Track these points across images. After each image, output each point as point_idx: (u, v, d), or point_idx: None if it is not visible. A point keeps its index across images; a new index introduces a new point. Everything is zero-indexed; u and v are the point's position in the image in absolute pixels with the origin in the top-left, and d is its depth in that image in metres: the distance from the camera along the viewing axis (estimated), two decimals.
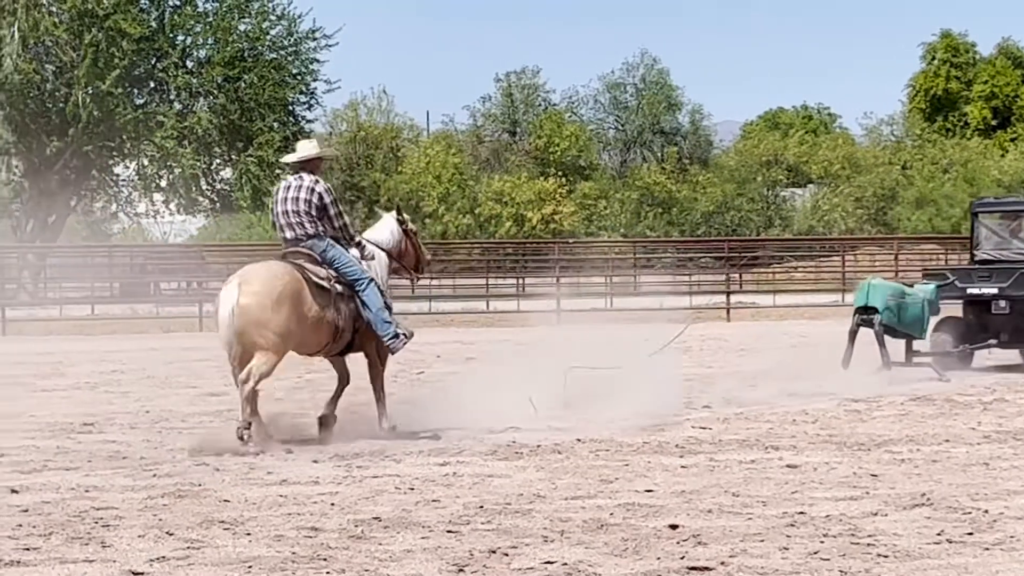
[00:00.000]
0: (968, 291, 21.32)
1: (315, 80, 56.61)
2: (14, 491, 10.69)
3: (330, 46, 56.34)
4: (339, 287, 13.63)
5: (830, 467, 11.71)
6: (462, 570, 7.99)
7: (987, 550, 8.41)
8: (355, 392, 14.52)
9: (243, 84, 54.03)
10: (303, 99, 56.78)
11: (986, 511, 9.61)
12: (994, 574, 7.83)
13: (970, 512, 9.58)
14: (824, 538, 8.76)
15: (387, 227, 14.80)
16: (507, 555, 8.34)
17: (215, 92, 54.07)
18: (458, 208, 66.13)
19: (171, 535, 8.95)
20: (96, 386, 20.14)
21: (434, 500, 10.21)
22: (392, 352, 14.04)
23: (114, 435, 14.35)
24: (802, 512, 9.61)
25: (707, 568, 7.98)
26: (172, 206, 56.83)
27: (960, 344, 21.21)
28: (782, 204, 72.45)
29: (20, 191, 54.53)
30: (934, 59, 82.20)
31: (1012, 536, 8.78)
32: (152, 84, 55.19)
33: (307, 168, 13.91)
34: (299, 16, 56.12)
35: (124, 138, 53.58)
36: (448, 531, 9.05)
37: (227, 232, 68.83)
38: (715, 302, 39.74)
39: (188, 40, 55.21)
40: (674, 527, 9.11)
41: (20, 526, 9.30)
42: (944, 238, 56.27)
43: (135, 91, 54.67)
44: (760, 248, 54.26)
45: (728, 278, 42.10)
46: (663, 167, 73.33)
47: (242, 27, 55.43)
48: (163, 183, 55.36)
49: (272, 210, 14.13)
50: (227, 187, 55.86)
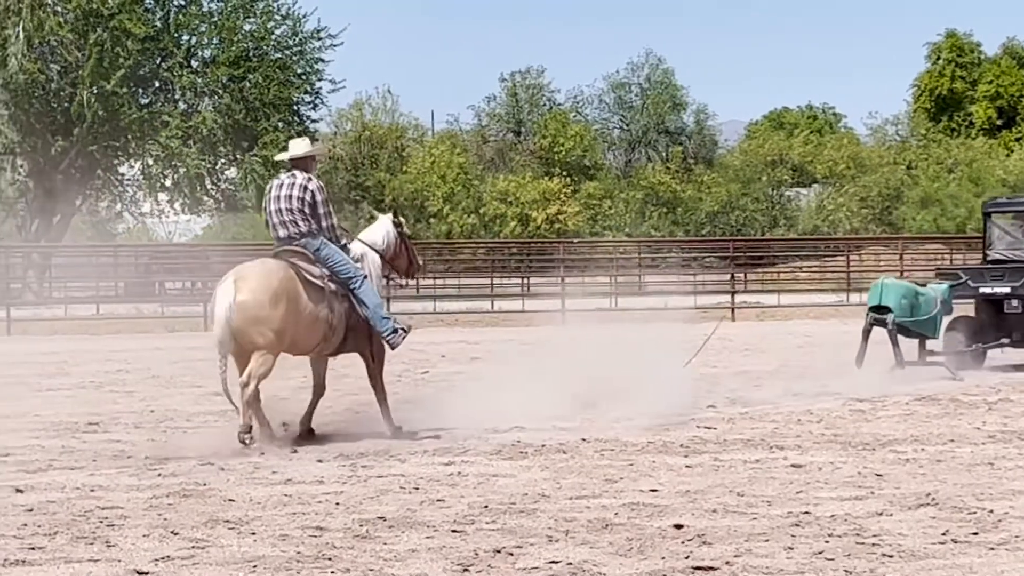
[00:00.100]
0: (981, 290, 21.35)
1: (320, 80, 56.79)
2: (19, 490, 10.69)
3: (335, 46, 56.51)
4: (332, 285, 13.62)
5: (835, 467, 11.71)
6: (467, 570, 7.99)
7: (992, 550, 8.40)
8: (358, 392, 14.52)
9: (248, 84, 54.07)
10: (308, 99, 56.93)
11: (991, 511, 9.60)
12: (999, 574, 7.83)
13: (975, 512, 9.58)
14: (829, 538, 8.76)
15: (381, 229, 14.75)
16: (512, 555, 8.33)
17: (220, 92, 54.12)
18: (463, 208, 66.10)
19: (176, 534, 8.96)
20: (101, 385, 20.14)
21: (439, 500, 10.21)
22: (392, 347, 14.02)
23: (119, 434, 14.36)
24: (807, 512, 9.61)
25: (712, 568, 7.98)
26: (177, 206, 56.92)
27: (973, 343, 21.22)
28: (787, 204, 72.39)
29: (25, 191, 54.59)
30: (939, 59, 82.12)
31: (1017, 536, 8.78)
32: (157, 84, 55.26)
33: (300, 166, 13.89)
34: (304, 16, 56.30)
35: (129, 138, 53.62)
36: (453, 531, 9.05)
37: (232, 232, 68.80)
38: (720, 302, 39.71)
39: (193, 40, 55.27)
40: (679, 527, 9.11)
41: (25, 525, 9.30)
42: (949, 238, 56.23)
43: (140, 91, 54.75)
44: (765, 248, 54.24)
45: (733, 278, 42.07)
46: (668, 167, 73.30)
47: (247, 27, 55.49)
48: (168, 183, 55.42)
49: (264, 208, 14.13)
50: (232, 187, 55.92)
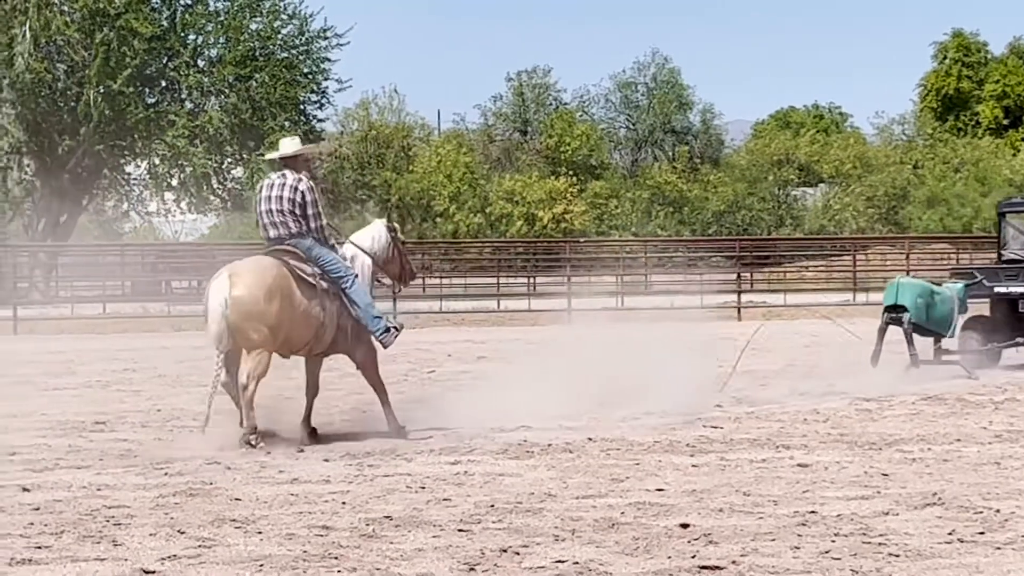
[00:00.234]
0: (996, 290, 21.40)
1: (326, 79, 56.83)
2: (26, 489, 10.70)
3: (341, 45, 56.58)
4: (324, 284, 13.62)
5: (841, 466, 11.70)
6: (473, 569, 7.99)
7: (998, 549, 8.40)
8: (363, 391, 14.52)
9: (254, 83, 54.12)
10: (314, 98, 56.98)
11: (997, 510, 9.59)
12: (1005, 573, 7.82)
13: (981, 511, 9.57)
14: (835, 537, 8.75)
15: (372, 232, 14.70)
16: (518, 554, 8.33)
17: (226, 91, 54.16)
18: (469, 207, 66.14)
19: (183, 533, 8.96)
20: (108, 384, 20.15)
21: (445, 499, 10.21)
22: (384, 347, 14.03)
23: (125, 433, 14.37)
24: (813, 511, 9.61)
25: (718, 567, 7.97)
26: (183, 205, 56.99)
27: (988, 343, 21.24)
28: (793, 203, 72.38)
29: (32, 190, 54.66)
30: (946, 58, 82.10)
31: (1023, 536, 8.77)
32: (163, 83, 55.31)
33: (290, 165, 13.85)
34: (310, 15, 56.38)
35: (135, 137, 53.68)
36: (459, 530, 9.05)
37: (238, 231, 68.89)
38: (726, 301, 39.68)
39: (199, 39, 55.32)
40: (685, 526, 9.10)
41: (32, 524, 9.31)
42: (955, 237, 56.22)
43: (146, 90, 54.79)
44: (771, 247, 54.21)
45: (739, 277, 42.04)
46: (674, 166, 73.31)
47: (253, 26, 55.55)
48: (174, 182, 55.49)
49: (255, 208, 14.14)
50: (238, 186, 55.98)
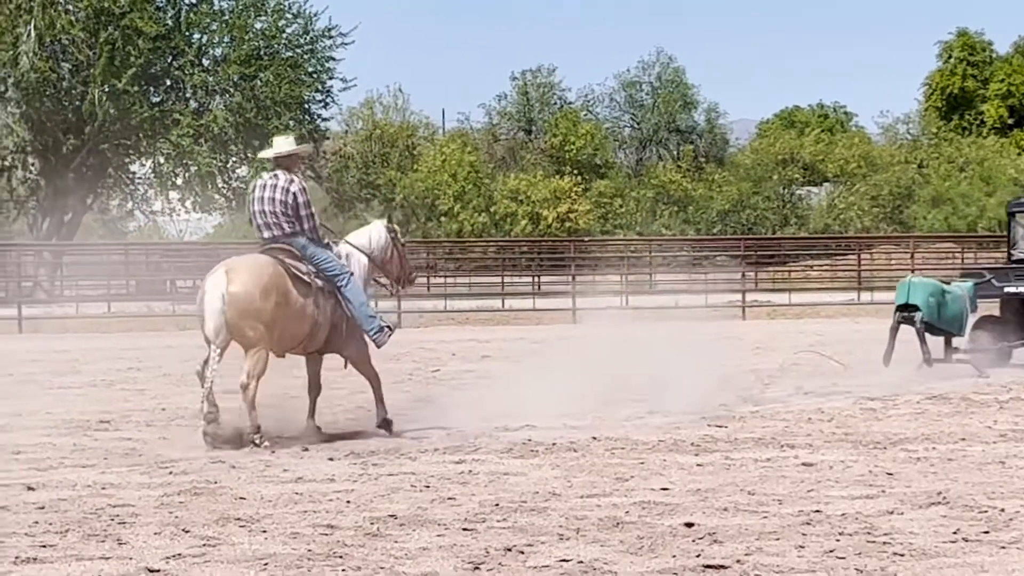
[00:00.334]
0: (1006, 290, 21.41)
1: (331, 78, 56.81)
2: (30, 488, 10.71)
3: (346, 44, 56.54)
4: (319, 282, 13.64)
5: (846, 465, 11.70)
6: (478, 568, 7.99)
7: (1003, 548, 8.39)
8: (366, 389, 14.52)
9: (259, 82, 54.10)
10: (319, 97, 56.94)
11: (1002, 509, 9.59)
12: (1010, 572, 7.82)
13: (986, 511, 9.56)
14: (840, 536, 8.75)
15: (370, 232, 14.70)
16: (523, 553, 8.34)
17: (231, 90, 54.15)
18: (473, 206, 66.11)
19: (187, 532, 8.97)
20: (112, 383, 20.16)
21: (450, 498, 10.21)
22: (378, 346, 14.05)
23: (130, 432, 14.37)
24: (818, 510, 9.60)
25: (723, 566, 7.97)
26: (188, 204, 57.00)
27: (999, 342, 21.25)
28: (798, 202, 72.31)
29: (36, 189, 54.69)
30: (950, 57, 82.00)
31: None
32: (168, 82, 55.30)
33: (283, 165, 13.84)
34: (315, 14, 56.33)
35: (140, 136, 53.69)
36: (464, 529, 9.05)
37: (243, 230, 68.82)
38: (731, 301, 39.67)
39: (204, 38, 55.32)
40: (690, 525, 9.10)
41: (36, 523, 9.32)
42: (960, 237, 56.16)
43: (151, 89, 54.79)
44: (776, 247, 54.16)
45: (744, 276, 42.03)
46: (679, 165, 73.28)
47: (258, 25, 55.54)
48: (179, 181, 55.50)
49: (248, 208, 14.17)
50: (243, 185, 55.91)
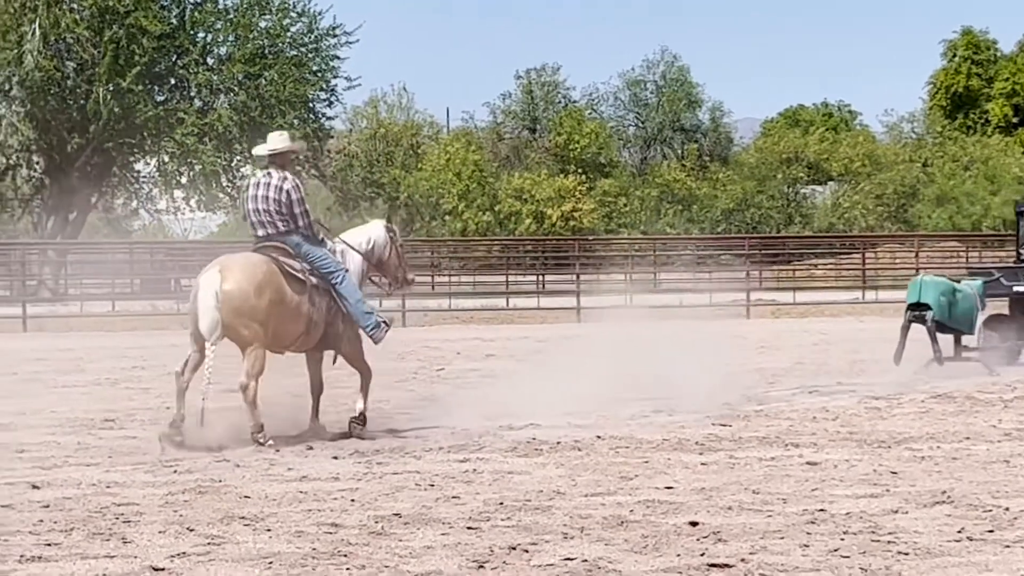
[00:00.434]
0: (1015, 288, 21.44)
1: (335, 77, 56.83)
2: (35, 487, 10.71)
3: (350, 43, 56.60)
4: (313, 279, 13.61)
5: (850, 464, 11.69)
6: (482, 566, 7.99)
7: (1008, 547, 8.39)
8: (373, 388, 14.50)
9: (263, 81, 54.13)
10: (323, 96, 56.97)
11: (1007, 508, 9.58)
12: (1015, 572, 7.81)
13: (991, 510, 9.56)
14: (844, 535, 8.75)
15: (366, 232, 14.66)
16: (527, 551, 8.33)
17: (235, 89, 54.19)
18: (478, 205, 66.14)
19: (192, 531, 8.97)
20: (117, 382, 20.17)
21: (454, 496, 10.21)
22: (375, 342, 14.00)
23: (135, 431, 14.38)
24: (822, 509, 9.60)
25: (727, 565, 7.97)
26: (192, 203, 57.02)
27: (1007, 340, 21.26)
28: (802, 201, 72.34)
29: (41, 188, 54.74)
30: (955, 56, 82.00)
31: None
32: (173, 81, 55.35)
33: (277, 162, 13.81)
34: (319, 13, 56.39)
35: (145, 135, 53.72)
36: (468, 527, 9.05)
37: (247, 229, 68.88)
38: (735, 299, 39.66)
39: (209, 37, 55.36)
40: (694, 524, 9.10)
41: (41, 522, 9.32)
42: (965, 235, 56.20)
43: (156, 88, 54.83)
44: (780, 246, 54.16)
45: (748, 275, 42.01)
46: (683, 164, 73.31)
47: (263, 24, 55.58)
48: (183, 180, 55.55)
49: (243, 206, 14.15)
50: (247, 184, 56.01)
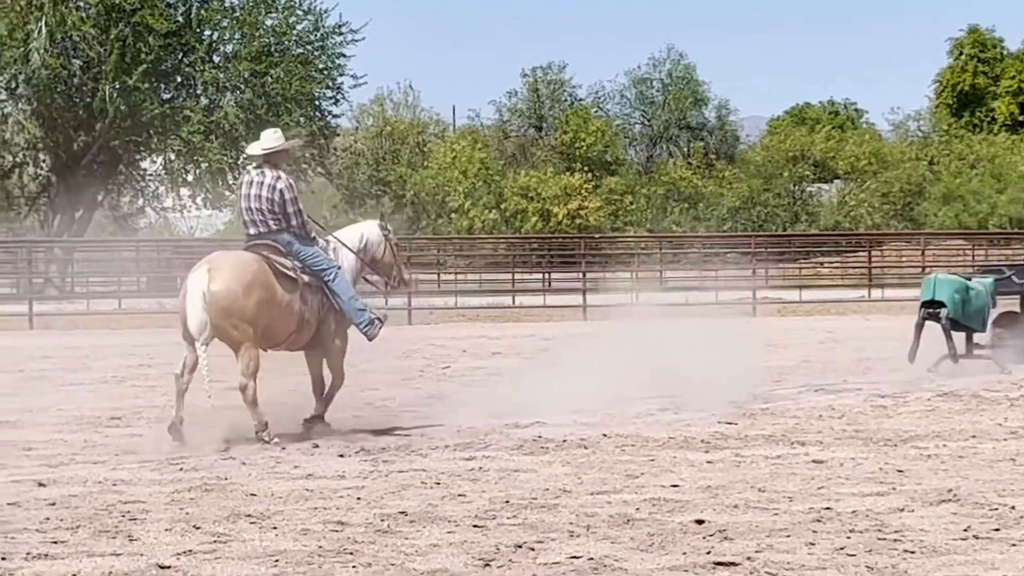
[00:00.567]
0: None
1: (341, 75, 56.81)
2: (41, 484, 10.72)
3: (356, 41, 56.60)
4: (305, 277, 13.57)
5: (856, 463, 11.68)
6: (488, 564, 7.99)
7: (1014, 546, 8.38)
8: (377, 386, 14.54)
9: (270, 79, 54.14)
10: (329, 94, 56.96)
11: (1013, 507, 9.58)
12: (1021, 570, 7.80)
13: (997, 508, 9.55)
14: (850, 534, 8.74)
15: (360, 231, 14.62)
16: (533, 549, 8.34)
17: (242, 87, 54.20)
18: (484, 203, 66.14)
19: (198, 529, 8.97)
20: (123, 380, 20.18)
21: (460, 495, 10.21)
22: (369, 339, 13.96)
23: (141, 429, 14.38)
24: (828, 508, 9.60)
25: (733, 563, 7.97)
26: (199, 200, 57.01)
27: (1019, 338, 21.26)
28: (808, 200, 72.33)
29: (47, 186, 54.76)
30: (961, 54, 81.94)
31: None
32: (179, 79, 55.35)
33: (271, 160, 13.75)
34: (326, 11, 56.37)
35: (151, 133, 53.75)
36: (474, 525, 9.06)
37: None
38: (741, 298, 39.63)
39: (215, 35, 55.37)
40: (700, 522, 9.10)
41: (47, 519, 9.33)
42: (971, 234, 56.14)
43: (162, 86, 54.85)
44: (786, 244, 54.14)
45: (754, 274, 42.00)
46: (689, 162, 73.32)
47: (269, 22, 55.58)
48: (190, 177, 55.56)
49: (237, 204, 14.14)
50: None
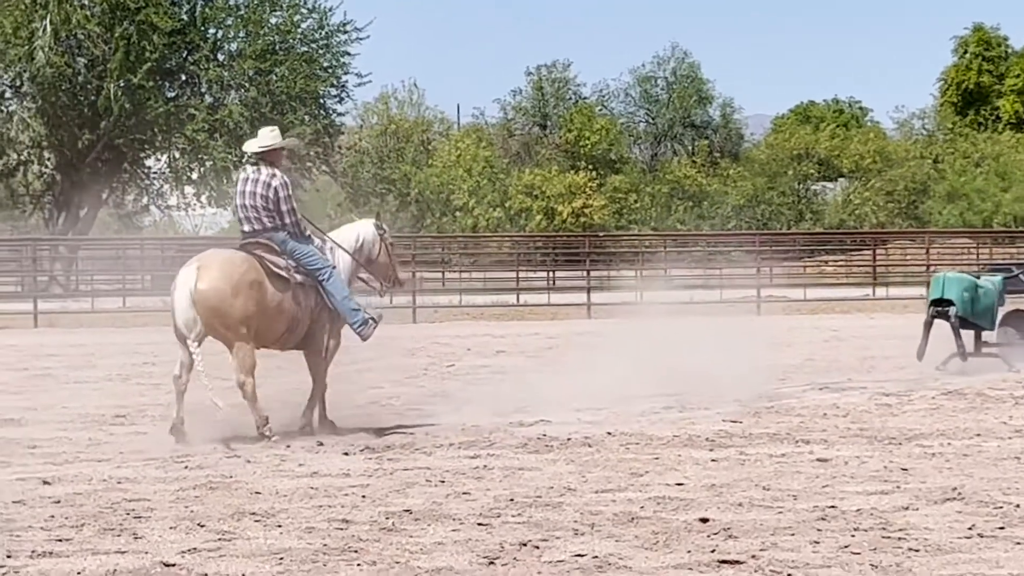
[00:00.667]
0: None
1: (346, 73, 56.81)
2: (46, 482, 10.73)
3: (361, 39, 56.56)
4: (298, 277, 13.52)
5: (861, 461, 11.67)
6: (492, 562, 7.99)
7: (1019, 544, 8.37)
8: (382, 384, 14.53)
9: (274, 77, 54.14)
10: (334, 92, 56.94)
11: (1018, 505, 9.57)
12: None
13: (1001, 506, 9.54)
14: (855, 532, 8.74)
15: (355, 230, 14.54)
16: (537, 548, 8.34)
17: (246, 85, 54.20)
18: (488, 201, 66.14)
19: (202, 527, 8.98)
20: (128, 378, 20.20)
21: (465, 493, 10.21)
22: (363, 338, 13.90)
23: (146, 427, 14.41)
24: (833, 506, 9.59)
25: (738, 561, 7.97)
26: (203, 199, 57.05)
27: None
28: (813, 198, 72.30)
29: (52, 184, 54.78)
30: (966, 52, 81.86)
31: None
32: (183, 77, 55.37)
33: (267, 158, 13.68)
34: (330, 9, 56.36)
35: (155, 131, 53.76)
36: (479, 524, 9.06)
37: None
38: (745, 296, 39.63)
39: (219, 33, 55.38)
40: (704, 520, 9.10)
41: (52, 517, 9.33)
42: (976, 232, 56.12)
43: (166, 84, 54.87)
44: (791, 242, 54.12)
45: (759, 272, 41.98)
46: (694, 161, 73.29)
47: (273, 20, 55.58)
48: (194, 176, 55.58)
49: (232, 201, 14.12)
50: None
